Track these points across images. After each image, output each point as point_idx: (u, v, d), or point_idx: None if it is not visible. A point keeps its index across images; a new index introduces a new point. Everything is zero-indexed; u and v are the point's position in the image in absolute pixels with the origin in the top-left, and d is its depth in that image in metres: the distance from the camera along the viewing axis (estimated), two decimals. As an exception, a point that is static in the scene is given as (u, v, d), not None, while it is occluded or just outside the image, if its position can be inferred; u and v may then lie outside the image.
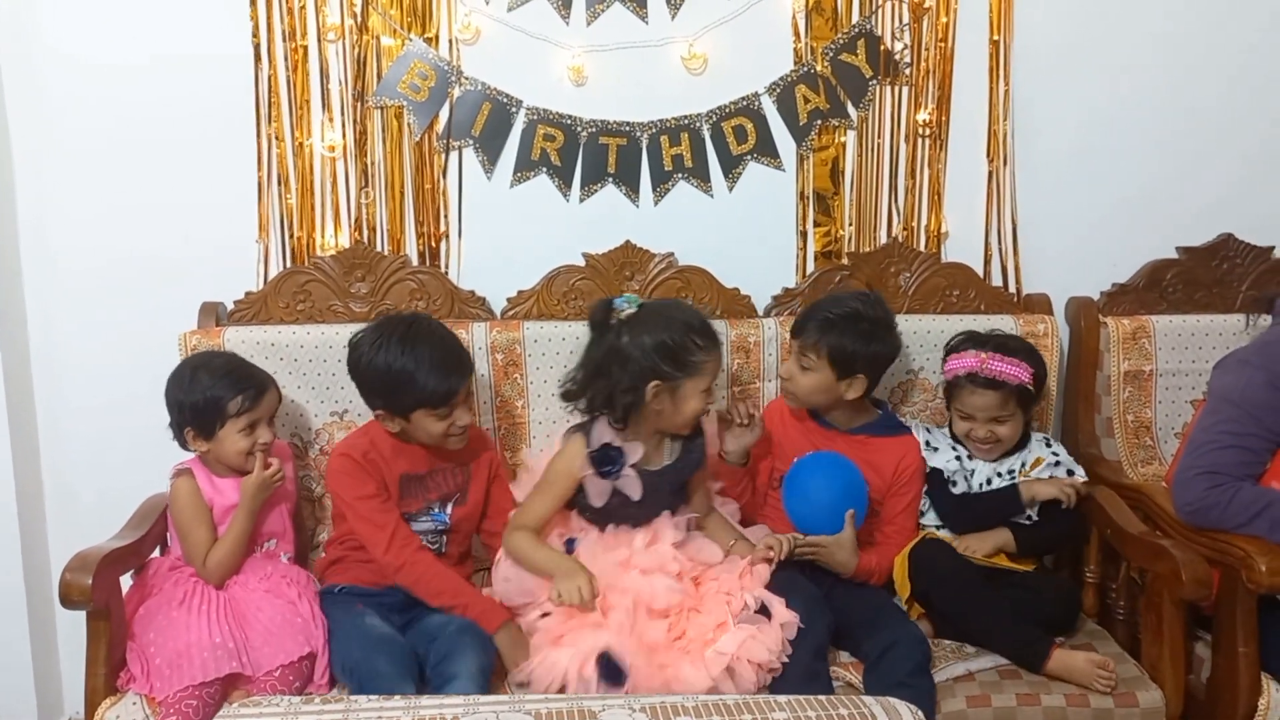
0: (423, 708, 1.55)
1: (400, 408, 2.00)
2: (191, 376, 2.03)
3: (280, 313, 2.34)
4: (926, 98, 2.43)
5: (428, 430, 2.01)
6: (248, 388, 2.02)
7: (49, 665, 2.48)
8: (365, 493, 2.01)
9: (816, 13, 2.39)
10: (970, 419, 2.17)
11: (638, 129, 2.40)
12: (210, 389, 2.00)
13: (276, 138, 2.36)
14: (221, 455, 2.03)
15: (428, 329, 2.03)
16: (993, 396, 2.13)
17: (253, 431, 2.02)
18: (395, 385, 1.98)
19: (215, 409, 2.00)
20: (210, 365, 2.05)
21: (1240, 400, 1.96)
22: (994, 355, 2.14)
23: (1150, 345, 2.40)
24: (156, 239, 2.38)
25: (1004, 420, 2.15)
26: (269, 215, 2.39)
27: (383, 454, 2.05)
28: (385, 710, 1.55)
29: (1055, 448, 2.23)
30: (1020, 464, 2.20)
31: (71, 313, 2.42)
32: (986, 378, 2.13)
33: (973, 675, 1.91)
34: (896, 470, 2.17)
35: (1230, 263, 2.47)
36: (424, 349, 1.97)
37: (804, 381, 2.14)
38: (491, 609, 1.97)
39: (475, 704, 1.56)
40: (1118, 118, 2.47)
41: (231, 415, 2.00)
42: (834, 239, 2.47)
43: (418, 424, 2.01)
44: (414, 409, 1.99)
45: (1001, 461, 2.20)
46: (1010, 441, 2.18)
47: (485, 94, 2.38)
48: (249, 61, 2.33)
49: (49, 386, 2.44)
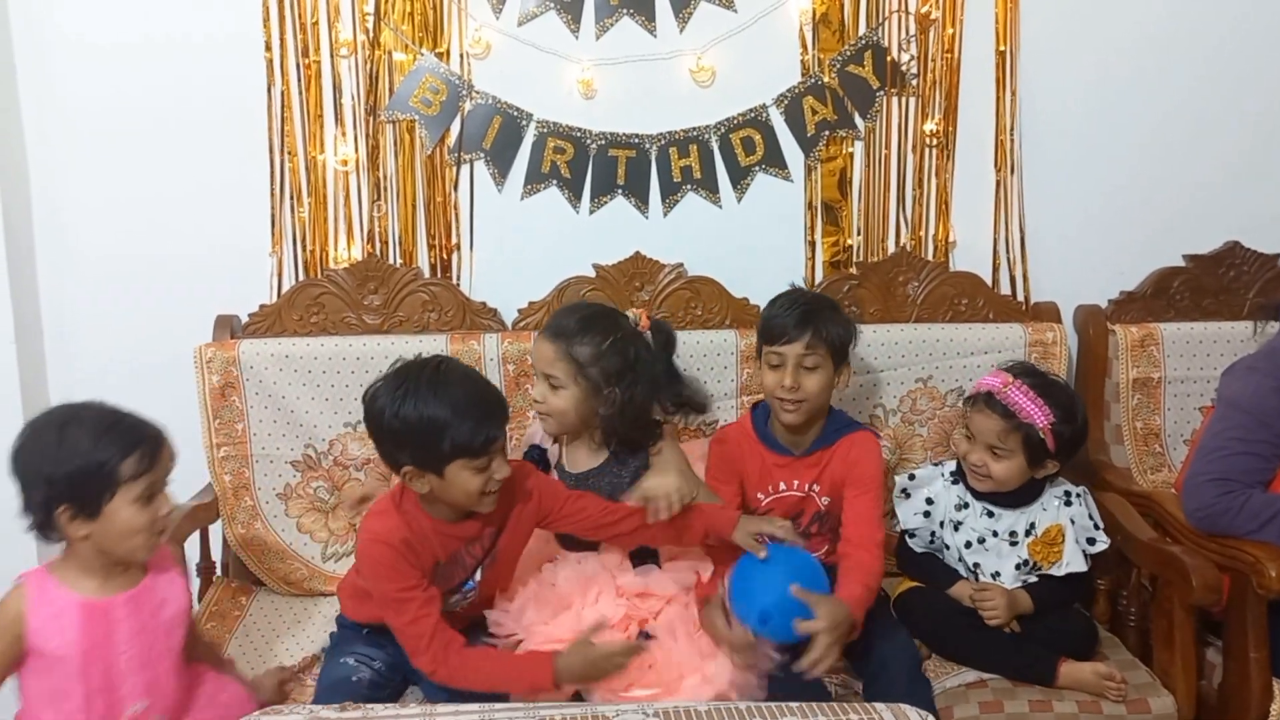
0: (438, 715, 1.57)
1: (433, 461, 1.72)
2: (60, 438, 1.54)
3: (294, 325, 2.36)
4: (933, 108, 2.44)
5: (464, 488, 1.74)
6: (138, 441, 1.56)
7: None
8: (407, 584, 1.75)
9: (823, 25, 2.41)
10: (970, 439, 2.03)
11: (647, 141, 2.42)
12: (93, 451, 1.54)
13: (290, 152, 2.39)
14: (107, 539, 1.56)
15: (458, 371, 1.78)
16: (996, 422, 1.98)
17: (151, 501, 1.57)
18: (428, 433, 1.71)
19: (102, 475, 1.53)
20: (81, 419, 1.57)
21: (1249, 407, 1.96)
22: (1021, 385, 1.99)
23: (1158, 353, 2.41)
24: (171, 253, 2.41)
25: (1000, 455, 1.99)
26: (282, 229, 2.42)
27: (420, 536, 1.79)
28: (402, 717, 1.57)
29: (1076, 508, 2.03)
30: (1026, 527, 2.03)
31: (86, 327, 2.44)
32: (1000, 401, 1.98)
33: (985, 682, 1.91)
34: (850, 469, 2.00)
35: (1237, 270, 2.48)
36: (458, 390, 1.72)
37: (814, 383, 1.98)
38: (535, 666, 1.76)
39: (490, 710, 1.57)
40: (1124, 126, 2.48)
41: (125, 480, 1.54)
42: (842, 249, 2.48)
43: (452, 480, 1.73)
44: (450, 460, 1.72)
45: (999, 517, 2.04)
46: (1003, 483, 2.01)
47: (496, 107, 2.40)
48: (262, 77, 2.36)
49: (65, 399, 2.42)
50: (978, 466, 2.02)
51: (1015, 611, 1.98)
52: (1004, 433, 1.98)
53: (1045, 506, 2.05)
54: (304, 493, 2.33)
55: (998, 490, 2.03)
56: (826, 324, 2.00)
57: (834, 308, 2.06)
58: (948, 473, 2.11)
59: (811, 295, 2.10)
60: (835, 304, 2.09)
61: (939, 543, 2.10)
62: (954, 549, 2.07)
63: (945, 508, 2.08)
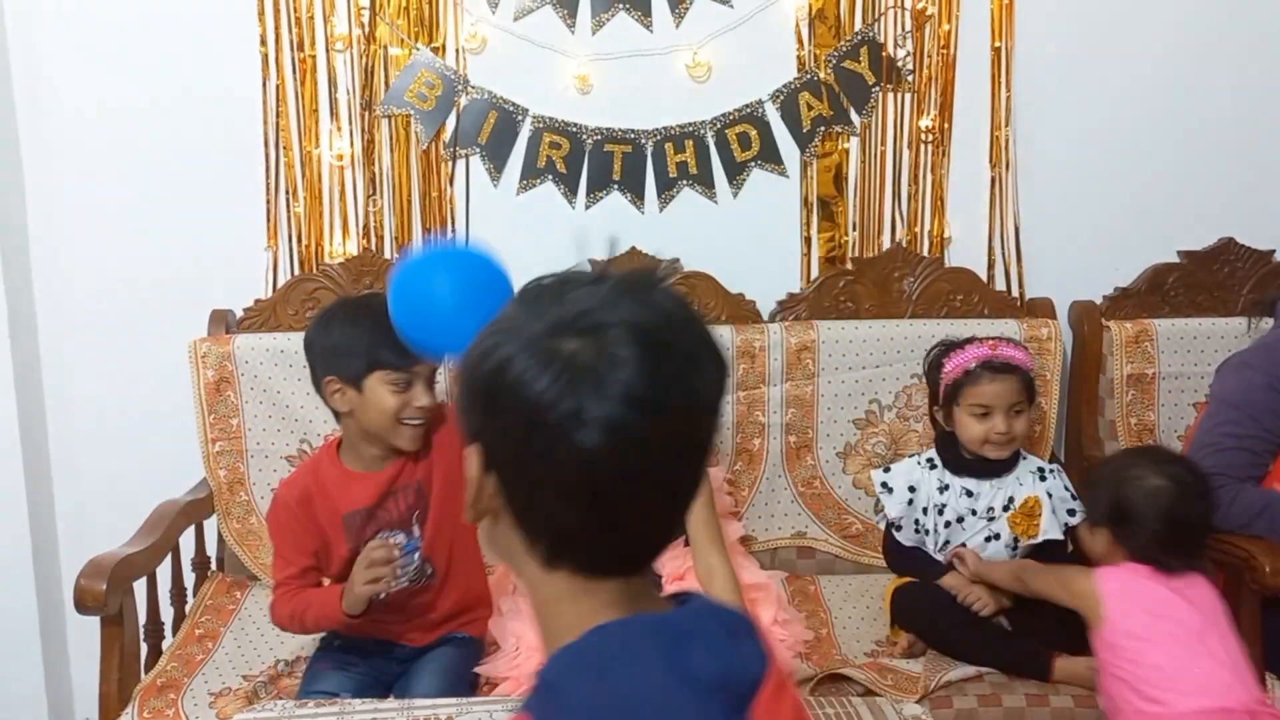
0: (416, 708, 1.58)
1: (353, 369, 1.77)
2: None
3: (289, 320, 2.35)
4: (929, 104, 2.45)
5: (380, 406, 1.77)
6: None
7: (60, 672, 2.50)
8: (289, 567, 1.86)
9: (819, 20, 2.41)
10: (988, 414, 2.03)
11: (643, 136, 2.42)
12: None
13: (285, 147, 2.38)
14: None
15: None
16: (1012, 381, 2.03)
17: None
18: (351, 339, 1.77)
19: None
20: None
21: (1241, 402, 1.97)
22: (1001, 341, 2.08)
23: (1153, 348, 2.41)
24: (166, 248, 2.41)
25: (1020, 411, 2.04)
26: (278, 223, 2.41)
27: (325, 490, 1.85)
28: (380, 712, 1.58)
29: (1052, 481, 2.09)
30: (1004, 502, 2.06)
31: (81, 320, 2.43)
32: (1002, 362, 2.04)
33: (982, 676, 1.92)
34: None
35: (1231, 266, 2.48)
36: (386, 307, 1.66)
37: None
38: (331, 603, 1.80)
39: (469, 706, 1.58)
40: (1119, 123, 2.48)
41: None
42: (838, 244, 2.49)
43: (370, 398, 1.77)
44: (370, 370, 1.76)
45: (978, 495, 2.07)
46: (1025, 437, 2.09)
47: (491, 102, 2.40)
48: (257, 72, 2.35)
49: (59, 394, 2.46)
50: (1002, 434, 2.03)
51: (992, 584, 1.99)
52: (1020, 388, 2.04)
53: (1021, 480, 2.09)
54: (299, 488, 2.33)
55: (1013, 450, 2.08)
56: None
57: None
58: (924, 460, 2.14)
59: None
60: None
61: (922, 530, 2.12)
62: (937, 533, 2.09)
63: (928, 493, 2.11)
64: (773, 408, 2.35)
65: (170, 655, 2.04)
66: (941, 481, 2.10)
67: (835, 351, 2.35)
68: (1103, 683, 1.78)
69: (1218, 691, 1.66)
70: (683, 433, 0.78)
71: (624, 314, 0.78)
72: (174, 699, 1.90)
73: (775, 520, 2.38)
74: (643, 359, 0.76)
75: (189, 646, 2.07)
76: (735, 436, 2.35)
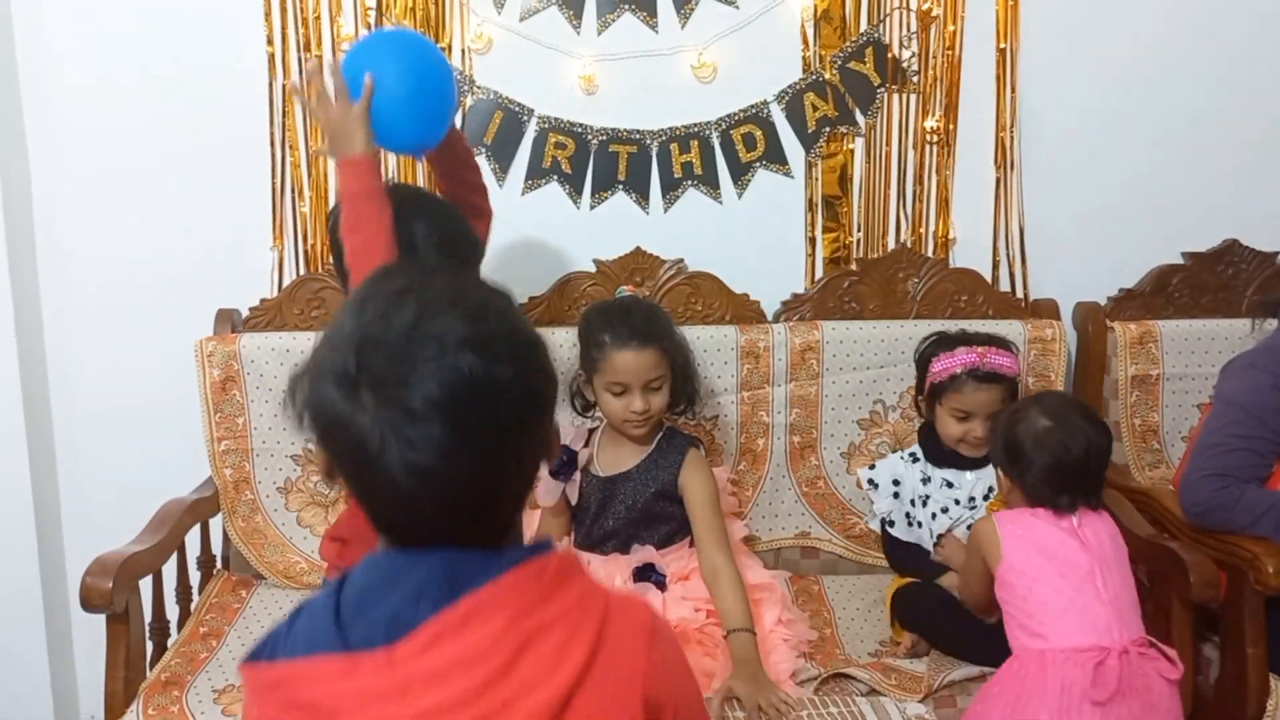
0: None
1: None
2: None
3: (295, 319, 2.36)
4: (934, 105, 2.45)
5: None
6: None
7: (65, 669, 2.50)
8: None
9: (825, 21, 2.41)
10: (968, 418, 2.10)
11: (648, 137, 2.43)
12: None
13: (291, 146, 2.39)
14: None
15: None
16: (996, 390, 2.08)
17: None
18: None
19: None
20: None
21: (1246, 403, 1.97)
22: (990, 349, 2.11)
23: (1157, 350, 2.41)
24: (171, 247, 2.41)
25: None
26: (284, 223, 2.42)
27: None
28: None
29: None
30: (985, 491, 2.11)
31: (87, 319, 2.44)
32: (988, 371, 2.08)
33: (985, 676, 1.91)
34: None
35: (1236, 268, 2.48)
36: None
37: None
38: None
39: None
40: (1123, 124, 2.48)
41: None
42: (842, 245, 2.49)
43: None
44: None
45: (959, 486, 2.13)
46: None
47: (497, 103, 2.40)
48: (264, 70, 2.36)
49: (65, 392, 2.47)
50: (979, 438, 2.09)
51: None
52: (1004, 396, 2.09)
53: None
54: (304, 487, 2.33)
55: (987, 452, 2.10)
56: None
57: None
58: (906, 454, 2.19)
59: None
60: None
61: (915, 523, 2.15)
62: (929, 525, 2.12)
63: (912, 486, 2.15)
64: (777, 408, 2.36)
65: (175, 652, 2.05)
66: (924, 474, 2.15)
67: (840, 352, 2.36)
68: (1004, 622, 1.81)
69: (1097, 630, 1.70)
70: None
71: None
72: (178, 696, 1.90)
73: (779, 520, 2.38)
74: None
75: (194, 644, 2.07)
76: (739, 436, 2.36)
